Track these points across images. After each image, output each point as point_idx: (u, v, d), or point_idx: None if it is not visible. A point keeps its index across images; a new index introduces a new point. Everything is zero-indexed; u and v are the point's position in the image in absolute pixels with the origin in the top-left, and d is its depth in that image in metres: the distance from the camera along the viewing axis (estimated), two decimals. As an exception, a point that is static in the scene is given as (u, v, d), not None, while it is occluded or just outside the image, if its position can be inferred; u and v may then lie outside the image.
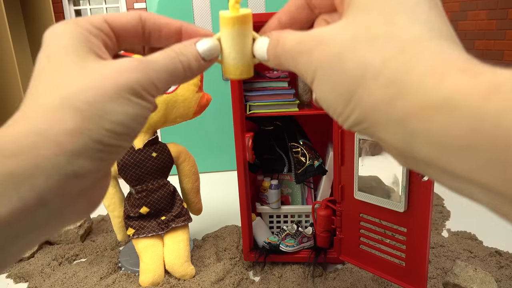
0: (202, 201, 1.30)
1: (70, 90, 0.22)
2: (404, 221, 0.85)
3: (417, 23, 0.21)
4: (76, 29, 0.25)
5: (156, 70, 0.25)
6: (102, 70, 0.23)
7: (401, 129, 0.20)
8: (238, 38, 0.29)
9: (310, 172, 1.14)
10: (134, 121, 0.23)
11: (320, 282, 1.07)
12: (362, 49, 0.21)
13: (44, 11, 2.28)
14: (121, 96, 0.23)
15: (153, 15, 0.29)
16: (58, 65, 0.23)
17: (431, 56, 0.19)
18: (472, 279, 0.90)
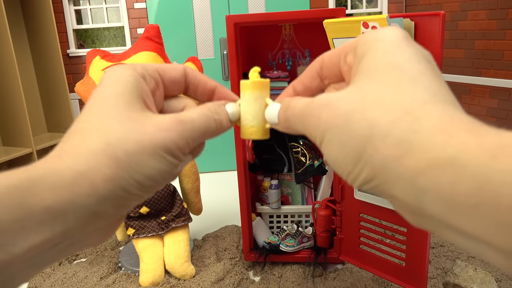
0: (202, 201, 1.30)
1: (113, 138, 0.24)
2: (404, 221, 0.84)
3: (421, 89, 0.22)
4: (132, 75, 0.27)
5: (192, 130, 0.27)
6: (144, 124, 0.25)
7: (411, 186, 0.20)
8: (254, 102, 0.33)
9: (310, 172, 1.14)
10: (161, 177, 0.25)
11: (320, 282, 1.07)
12: (370, 111, 0.22)
13: (44, 11, 2.28)
14: (156, 153, 0.25)
15: (194, 71, 0.32)
16: (108, 109, 0.25)
17: (437, 117, 0.20)
18: (472, 279, 0.90)
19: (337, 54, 0.28)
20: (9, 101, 2.14)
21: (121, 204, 0.25)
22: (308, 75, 0.31)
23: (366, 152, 0.22)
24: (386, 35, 0.25)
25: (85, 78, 1.08)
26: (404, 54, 0.24)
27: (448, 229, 0.20)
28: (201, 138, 0.28)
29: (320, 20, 0.79)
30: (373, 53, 0.24)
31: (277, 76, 1.12)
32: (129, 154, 0.24)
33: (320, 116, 0.25)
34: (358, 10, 2.43)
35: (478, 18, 1.92)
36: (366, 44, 0.25)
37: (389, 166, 0.21)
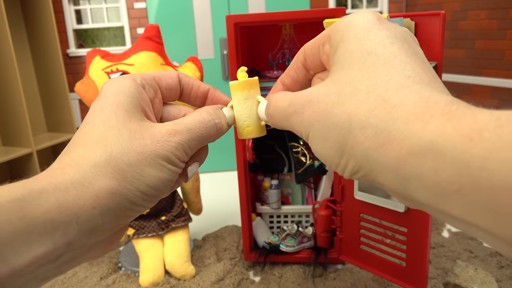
0: (202, 201, 1.30)
1: (116, 149, 0.25)
2: (404, 221, 0.84)
3: (395, 72, 0.22)
4: (132, 85, 0.28)
5: (190, 139, 0.27)
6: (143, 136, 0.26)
7: (395, 175, 0.20)
8: (245, 102, 0.33)
9: (310, 172, 1.14)
10: (163, 185, 0.26)
11: (321, 282, 1.07)
12: (348, 103, 0.22)
13: (44, 11, 2.28)
14: (157, 163, 0.25)
15: (186, 76, 0.33)
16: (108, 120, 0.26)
17: (412, 102, 0.20)
18: (473, 279, 0.90)
19: (316, 44, 0.28)
20: (9, 101, 2.14)
21: (125, 215, 0.25)
22: (294, 67, 0.32)
23: (348, 144, 0.22)
24: (356, 21, 0.25)
25: (85, 78, 1.07)
26: (376, 38, 0.23)
27: (438, 213, 0.20)
28: (200, 144, 0.29)
29: (320, 20, 0.79)
30: (346, 42, 0.24)
31: (277, 76, 1.12)
32: (132, 165, 0.24)
33: (302, 113, 0.25)
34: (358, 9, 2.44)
35: (479, 18, 1.92)
36: (338, 33, 0.25)
37: (371, 156, 0.21)
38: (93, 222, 0.23)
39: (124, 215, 0.25)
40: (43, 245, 0.21)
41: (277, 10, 1.25)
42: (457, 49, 2.04)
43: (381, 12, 2.45)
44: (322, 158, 0.25)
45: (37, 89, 2.49)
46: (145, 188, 0.25)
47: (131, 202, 0.24)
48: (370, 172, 0.22)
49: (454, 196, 0.18)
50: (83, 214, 0.22)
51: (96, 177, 0.23)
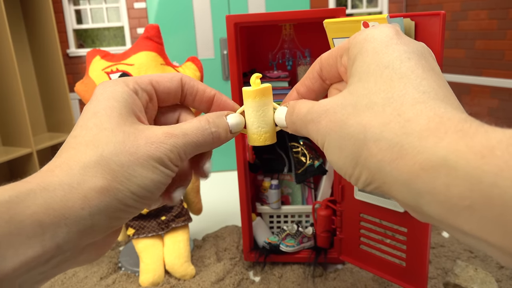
0: (202, 201, 1.30)
1: (108, 150, 0.24)
2: (404, 221, 0.84)
3: (411, 87, 0.22)
4: (124, 90, 0.28)
5: (185, 144, 0.27)
6: (137, 138, 0.26)
7: (407, 189, 0.21)
8: (260, 109, 0.33)
9: (310, 172, 1.14)
10: (155, 187, 0.26)
11: (321, 282, 1.07)
12: (363, 115, 0.23)
13: (44, 11, 2.28)
14: (150, 164, 0.25)
15: (191, 79, 0.33)
16: (101, 123, 0.25)
17: (427, 117, 0.21)
18: (473, 279, 0.90)
19: (333, 56, 0.29)
20: (9, 101, 2.14)
21: (116, 217, 0.24)
22: (310, 77, 0.32)
23: (362, 155, 0.22)
24: (375, 35, 0.25)
25: (85, 78, 1.07)
26: (394, 53, 0.24)
27: (449, 228, 0.20)
28: (195, 151, 0.29)
29: (320, 20, 0.79)
30: (364, 55, 0.25)
31: (277, 76, 1.12)
32: (123, 166, 0.24)
33: (319, 122, 0.26)
34: (358, 9, 2.43)
35: (479, 18, 1.92)
36: (357, 45, 0.26)
37: (384, 169, 0.21)
38: (83, 223, 0.22)
39: (115, 217, 0.24)
40: (31, 248, 0.21)
41: (277, 10, 1.25)
42: (457, 49, 2.04)
43: (380, 12, 2.45)
44: (337, 167, 0.26)
45: (37, 89, 2.49)
46: (136, 189, 0.24)
47: (121, 203, 0.24)
48: (383, 184, 0.22)
49: (465, 211, 0.18)
50: (72, 215, 0.22)
51: (85, 178, 0.23)
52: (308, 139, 1.23)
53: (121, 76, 1.04)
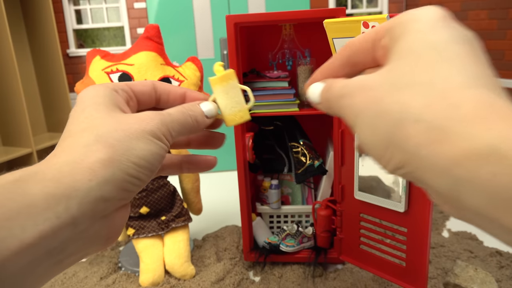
0: (202, 201, 1.30)
1: (103, 130, 0.26)
2: (404, 221, 0.84)
3: (457, 72, 0.21)
4: (106, 89, 0.30)
5: (171, 120, 0.30)
6: (128, 118, 0.28)
7: (446, 176, 0.19)
8: (229, 92, 0.36)
9: (310, 172, 1.14)
10: (153, 158, 0.28)
11: (321, 282, 1.07)
12: (403, 94, 0.22)
13: (44, 11, 2.28)
14: (144, 137, 0.27)
15: (161, 83, 0.36)
16: (91, 114, 0.28)
17: (474, 103, 0.19)
18: (473, 279, 0.90)
19: (369, 38, 0.28)
20: (9, 101, 2.14)
21: (124, 187, 0.26)
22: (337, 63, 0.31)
23: (397, 136, 0.21)
24: (422, 15, 0.24)
25: (85, 78, 1.07)
26: (441, 35, 0.23)
27: (490, 223, 0.19)
28: (181, 129, 0.31)
29: (320, 20, 0.79)
30: (408, 34, 0.24)
31: (277, 76, 1.12)
32: (121, 140, 0.26)
33: (353, 97, 0.25)
34: (358, 9, 2.43)
35: (479, 18, 1.92)
36: (401, 25, 0.24)
37: (421, 153, 0.20)
38: (93, 194, 0.24)
39: (122, 188, 0.26)
40: (48, 220, 0.22)
41: (277, 10, 1.25)
42: (457, 49, 2.05)
43: (380, 12, 2.45)
44: (368, 147, 0.25)
45: (37, 89, 2.49)
46: (136, 159, 0.26)
47: (125, 173, 0.25)
48: (416, 169, 0.21)
49: None
50: (82, 187, 0.23)
51: (88, 153, 0.24)
52: (308, 139, 1.23)
53: (121, 76, 1.04)
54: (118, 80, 1.04)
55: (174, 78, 1.08)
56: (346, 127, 0.92)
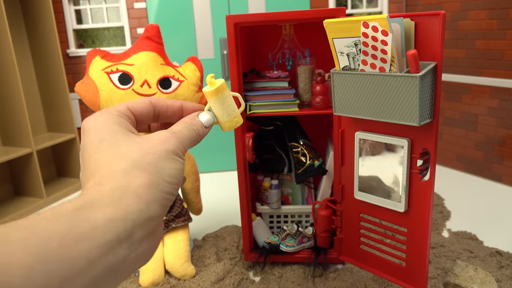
0: (202, 201, 1.29)
1: (136, 156, 0.30)
2: (404, 221, 0.84)
3: None
4: (113, 116, 0.33)
5: (183, 137, 0.34)
6: (150, 141, 0.32)
7: None
8: (223, 101, 0.39)
9: (310, 172, 1.14)
10: (179, 174, 0.32)
11: (321, 282, 1.07)
12: None
13: (44, 11, 2.28)
14: (169, 157, 0.31)
15: (159, 98, 0.40)
16: (114, 143, 0.31)
17: None
18: (473, 279, 0.90)
19: None
20: (9, 101, 2.14)
21: (164, 204, 0.30)
22: None
23: None
24: None
25: (85, 78, 1.07)
26: None
27: None
28: (190, 144, 0.36)
29: (320, 20, 0.79)
30: None
31: (277, 76, 1.12)
32: (152, 163, 0.30)
33: None
34: (358, 10, 2.43)
35: (479, 18, 1.92)
36: None
37: None
38: (143, 215, 0.28)
39: (163, 205, 0.30)
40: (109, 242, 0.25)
41: (277, 10, 1.25)
42: (457, 49, 2.04)
43: (380, 12, 2.45)
44: None
45: (37, 89, 2.49)
46: (168, 178, 0.30)
47: (164, 192, 0.30)
48: None
49: None
50: (133, 210, 0.27)
51: (129, 179, 0.28)
52: (308, 139, 1.23)
53: (121, 76, 1.04)
54: (118, 80, 1.04)
55: (174, 78, 1.08)
56: (346, 127, 0.92)
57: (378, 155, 0.85)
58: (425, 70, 0.70)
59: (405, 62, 0.73)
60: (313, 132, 1.30)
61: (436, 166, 0.77)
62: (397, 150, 0.81)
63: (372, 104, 0.77)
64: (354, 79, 0.78)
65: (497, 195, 1.61)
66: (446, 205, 1.52)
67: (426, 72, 0.70)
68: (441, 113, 2.06)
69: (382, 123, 0.82)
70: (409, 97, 0.71)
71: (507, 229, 1.31)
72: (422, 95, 0.70)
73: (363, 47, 0.72)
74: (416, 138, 0.78)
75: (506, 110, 1.80)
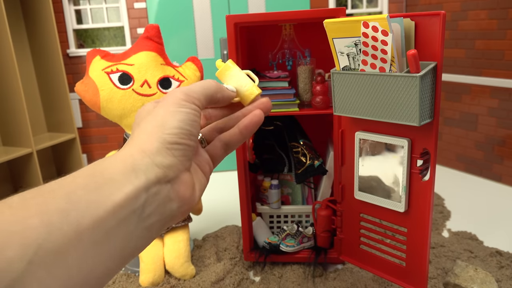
0: (202, 201, 1.30)
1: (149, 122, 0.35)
2: (404, 221, 0.84)
3: None
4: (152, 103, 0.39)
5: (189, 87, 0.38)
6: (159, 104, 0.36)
7: None
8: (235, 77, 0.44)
9: (310, 172, 1.14)
10: (183, 123, 0.35)
11: (321, 282, 1.07)
12: None
13: (44, 11, 2.28)
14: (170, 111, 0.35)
15: None
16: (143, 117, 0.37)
17: None
18: (473, 279, 0.90)
19: None
20: (9, 101, 2.14)
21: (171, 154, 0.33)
22: None
23: None
24: None
25: (85, 78, 1.07)
26: None
27: None
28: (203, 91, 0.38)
29: (320, 20, 0.79)
30: None
31: (277, 76, 1.12)
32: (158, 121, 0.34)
33: None
34: (359, 10, 2.43)
35: (479, 17, 1.92)
36: None
37: None
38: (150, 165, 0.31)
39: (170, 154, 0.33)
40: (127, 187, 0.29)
41: (277, 10, 1.25)
42: (457, 49, 2.04)
43: (381, 12, 2.45)
44: None
45: (37, 89, 2.49)
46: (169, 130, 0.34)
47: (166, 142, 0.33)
48: None
49: None
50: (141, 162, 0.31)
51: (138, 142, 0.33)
52: (308, 139, 1.23)
53: (121, 76, 1.04)
54: (118, 80, 1.04)
55: (174, 78, 1.08)
56: (346, 127, 0.92)
57: (378, 155, 0.85)
58: (425, 70, 0.69)
59: (405, 62, 0.73)
60: (313, 132, 1.30)
61: (436, 166, 0.77)
62: (397, 150, 0.81)
63: (372, 104, 0.77)
64: (354, 79, 0.78)
65: (497, 195, 1.61)
66: (446, 205, 1.52)
67: (426, 72, 0.70)
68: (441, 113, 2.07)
69: (382, 123, 0.82)
70: (409, 97, 0.71)
71: (507, 229, 1.31)
72: (422, 95, 0.70)
73: (363, 47, 0.72)
74: (416, 138, 0.78)
75: (506, 110, 1.80)
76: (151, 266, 1.10)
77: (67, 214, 0.25)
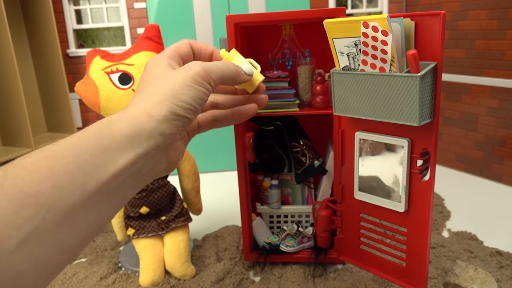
0: (202, 201, 1.29)
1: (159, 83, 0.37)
2: (404, 221, 0.84)
3: None
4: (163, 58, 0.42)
5: (210, 66, 0.39)
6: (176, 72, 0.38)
7: None
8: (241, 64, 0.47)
9: (310, 172, 1.14)
10: (194, 101, 0.37)
11: (321, 282, 1.07)
12: None
13: (44, 11, 2.28)
14: (185, 84, 0.37)
15: (196, 41, 0.47)
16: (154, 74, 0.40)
17: None
18: (473, 279, 0.90)
19: None
20: (9, 101, 2.14)
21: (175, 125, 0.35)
22: None
23: None
24: None
25: (85, 78, 1.07)
26: None
27: None
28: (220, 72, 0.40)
29: (321, 20, 0.79)
30: None
31: (277, 76, 1.12)
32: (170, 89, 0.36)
33: None
34: (359, 10, 2.43)
35: (479, 18, 1.92)
36: None
37: None
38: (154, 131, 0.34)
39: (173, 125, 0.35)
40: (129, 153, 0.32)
41: (277, 10, 1.25)
42: (457, 49, 2.04)
43: (381, 12, 2.45)
44: None
45: (37, 89, 2.49)
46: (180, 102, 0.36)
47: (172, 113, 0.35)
48: None
49: None
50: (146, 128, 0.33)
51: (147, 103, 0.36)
52: (308, 139, 1.23)
53: (121, 76, 1.04)
54: (118, 80, 1.04)
55: (174, 78, 1.08)
56: (346, 127, 0.92)
57: (378, 155, 0.85)
58: (425, 70, 0.69)
59: (405, 62, 0.73)
60: (313, 132, 1.30)
61: (436, 166, 0.77)
62: (397, 150, 0.81)
63: (372, 104, 0.77)
64: (354, 79, 0.78)
65: (497, 195, 1.61)
66: (446, 205, 1.52)
67: (426, 72, 0.70)
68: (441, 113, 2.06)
69: (382, 123, 0.82)
70: (409, 97, 0.71)
71: (507, 229, 1.31)
72: (422, 95, 0.70)
73: (363, 47, 0.72)
74: (416, 138, 0.78)
75: (506, 110, 1.80)
76: (151, 266, 1.10)
77: (75, 178, 0.28)
